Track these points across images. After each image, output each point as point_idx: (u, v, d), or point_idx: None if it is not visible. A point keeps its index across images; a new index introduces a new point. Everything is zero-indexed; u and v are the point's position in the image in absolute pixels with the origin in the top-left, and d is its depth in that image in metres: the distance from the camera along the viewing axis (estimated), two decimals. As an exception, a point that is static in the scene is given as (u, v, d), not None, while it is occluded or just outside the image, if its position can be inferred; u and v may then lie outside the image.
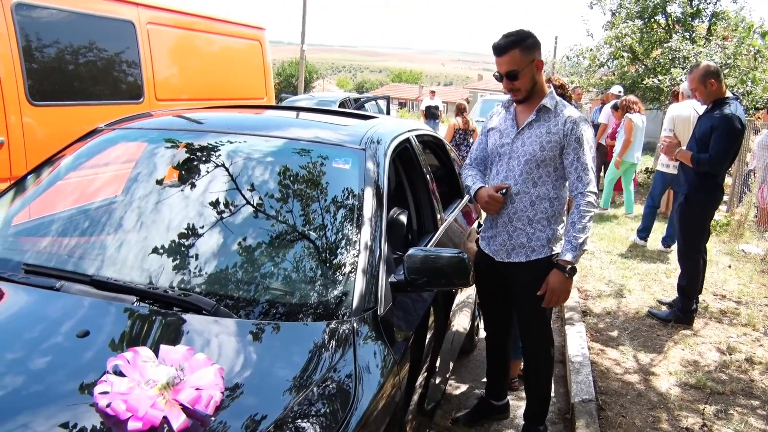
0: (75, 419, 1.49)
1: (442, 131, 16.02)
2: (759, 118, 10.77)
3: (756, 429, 3.37)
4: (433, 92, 17.86)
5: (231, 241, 2.25)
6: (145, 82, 5.71)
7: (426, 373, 2.52)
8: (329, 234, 2.29)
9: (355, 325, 1.96)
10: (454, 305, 3.16)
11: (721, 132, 4.35)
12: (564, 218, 3.14)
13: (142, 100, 5.69)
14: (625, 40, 12.73)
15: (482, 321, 3.57)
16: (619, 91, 10.47)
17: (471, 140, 9.67)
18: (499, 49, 2.91)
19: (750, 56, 11.51)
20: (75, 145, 2.88)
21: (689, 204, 4.63)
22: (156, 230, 2.34)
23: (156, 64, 5.86)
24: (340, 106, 13.85)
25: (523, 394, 3.83)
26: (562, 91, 3.68)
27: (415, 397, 2.33)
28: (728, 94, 4.55)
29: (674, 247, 6.99)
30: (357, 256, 2.16)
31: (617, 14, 13.59)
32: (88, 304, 1.96)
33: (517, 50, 2.87)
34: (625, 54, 13.22)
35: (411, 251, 2.27)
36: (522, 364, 3.94)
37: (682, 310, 4.80)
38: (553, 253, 3.04)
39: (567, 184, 3.02)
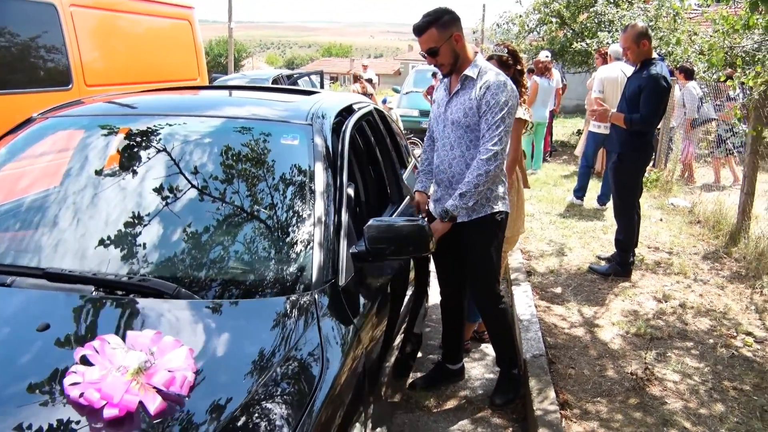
0: (47, 413, 1.48)
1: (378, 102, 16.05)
2: (674, 79, 11.22)
3: (692, 368, 3.61)
4: (365, 66, 17.81)
5: (186, 224, 2.24)
6: (73, 68, 5.51)
7: (393, 340, 2.60)
8: (283, 210, 2.31)
9: (316, 296, 2.00)
10: (415, 272, 3.25)
11: (648, 92, 4.55)
12: (504, 177, 3.26)
13: (70, 86, 5.49)
14: (552, 5, 12.97)
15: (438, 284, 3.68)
16: (546, 56, 10.70)
17: None
18: (418, 30, 3.07)
19: (670, 18, 11.92)
20: (8, 136, 2.79)
21: (622, 162, 4.83)
22: (106, 218, 2.31)
23: (83, 49, 5.66)
24: (273, 83, 13.66)
25: (476, 356, 3.99)
26: (509, 53, 3.75)
27: (385, 364, 2.40)
28: (654, 54, 4.75)
29: (609, 204, 7.29)
30: (313, 229, 2.20)
31: (544, -20, 13.79)
32: (44, 298, 1.93)
33: (434, 29, 3.01)
34: (554, 19, 13.46)
35: (370, 222, 2.31)
36: (475, 326, 4.09)
37: (621, 264, 5.03)
38: (494, 211, 3.16)
39: None
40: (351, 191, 3.38)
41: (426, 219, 3.40)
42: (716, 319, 4.29)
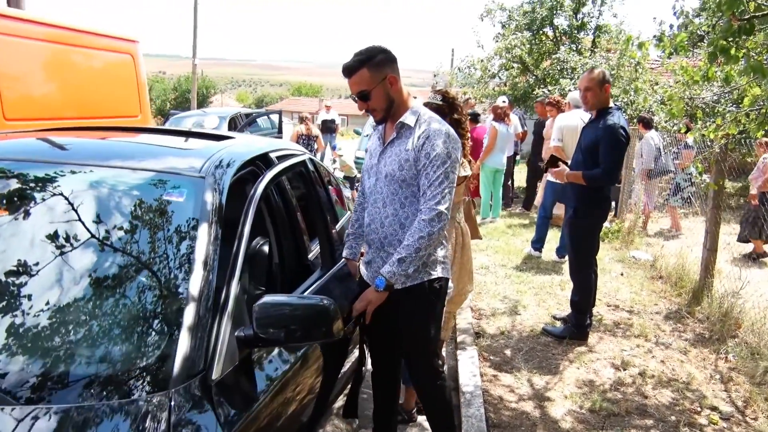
0: None
1: (342, 144, 15.74)
2: (634, 129, 11.16)
3: (652, 454, 3.22)
4: (328, 107, 17.57)
5: (18, 303, 1.79)
6: (-10, 100, 5.05)
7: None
8: (147, 284, 1.87)
9: (172, 397, 1.57)
10: (336, 349, 2.81)
11: (606, 144, 4.25)
12: (445, 240, 2.88)
13: (-14, 120, 5.03)
14: (515, 51, 12.92)
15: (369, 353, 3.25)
16: (504, 102, 10.54)
17: (314, 145, 11.21)
18: (348, 70, 2.69)
19: (632, 67, 11.92)
20: None
21: (578, 217, 4.51)
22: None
23: (3, 80, 5.22)
24: (230, 122, 13.27)
25: (414, 430, 3.56)
26: (445, 101, 3.42)
27: None
28: (611, 104, 4.48)
29: (567, 257, 6.99)
30: (183, 309, 1.77)
31: (507, 26, 13.79)
32: None
33: (365, 69, 2.65)
34: (516, 65, 13.42)
35: (262, 299, 1.89)
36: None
37: (576, 326, 4.67)
38: (432, 277, 2.77)
39: None
40: (266, 248, 2.98)
41: (358, 283, 3.04)
42: (679, 390, 3.92)
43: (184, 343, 1.69)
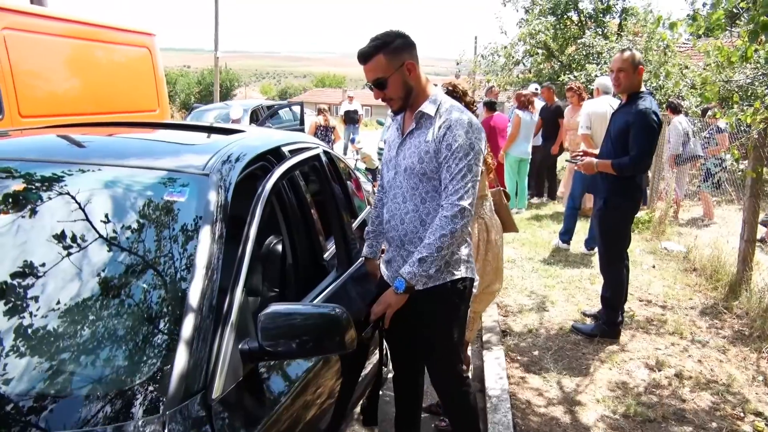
0: None
1: (365, 135, 15.57)
2: (664, 114, 10.81)
3: (692, 463, 3.02)
4: (351, 97, 17.37)
5: (12, 312, 1.66)
6: (5, 97, 4.98)
7: None
8: (142, 294, 1.72)
9: (167, 422, 1.42)
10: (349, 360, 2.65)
11: (638, 129, 4.02)
12: (469, 237, 2.70)
13: (1, 117, 4.96)
14: (539, 36, 12.61)
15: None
16: (536, 89, 10.27)
17: (332, 136, 11.07)
18: (363, 57, 2.51)
19: (660, 51, 11.56)
20: None
21: (608, 209, 4.28)
22: None
23: (18, 76, 5.13)
24: (252, 114, 13.18)
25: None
26: (453, 94, 3.24)
27: None
28: (643, 88, 4.24)
29: (597, 249, 6.75)
30: (181, 320, 1.62)
31: (530, 11, 13.47)
32: None
33: (382, 55, 2.47)
34: (540, 51, 13.10)
35: (268, 308, 1.74)
36: None
37: (607, 323, 4.45)
38: (455, 278, 2.60)
39: None
40: (279, 248, 2.83)
41: (378, 284, 2.87)
42: (719, 393, 3.70)
43: (181, 358, 1.54)
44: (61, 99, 5.65)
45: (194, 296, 1.67)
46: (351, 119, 16.47)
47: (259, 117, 12.99)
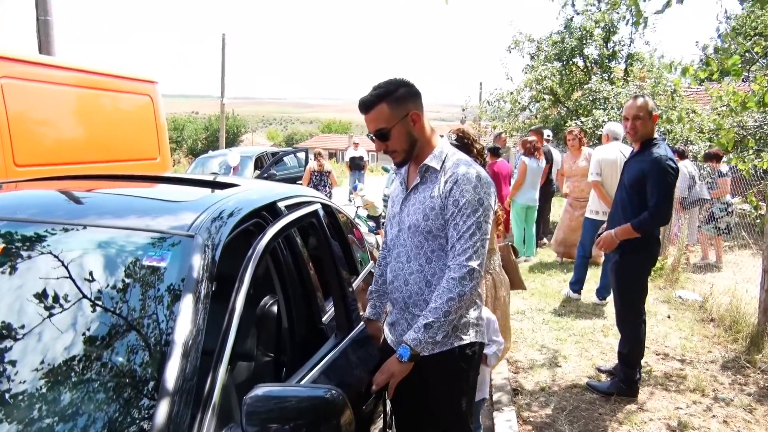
0: None
1: (370, 182, 15.50)
2: (687, 157, 10.70)
3: None
4: (356, 143, 17.39)
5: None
6: (-1, 146, 4.88)
7: None
8: (109, 376, 1.54)
9: None
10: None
11: (656, 178, 3.85)
12: (478, 299, 2.51)
13: (-6, 166, 4.84)
14: (545, 82, 12.57)
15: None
16: (548, 136, 10.16)
17: (326, 180, 10.98)
18: (365, 106, 2.37)
19: (668, 96, 11.49)
20: None
21: (624, 261, 4.08)
22: None
23: (15, 125, 5.04)
24: (256, 161, 13.13)
25: None
26: (463, 140, 3.10)
27: None
28: (655, 135, 4.10)
29: (610, 298, 6.50)
30: (152, 407, 1.43)
31: (536, 57, 13.49)
32: None
33: (385, 104, 2.32)
34: (546, 96, 13.07)
35: (256, 390, 1.55)
36: None
37: (625, 381, 4.21)
38: (463, 343, 2.40)
39: None
40: (275, 309, 2.66)
41: (381, 348, 2.67)
42: (747, 460, 3.45)
43: (151, 455, 1.35)
44: (59, 148, 5.55)
45: (170, 378, 1.48)
46: (356, 165, 16.44)
47: (263, 164, 12.94)
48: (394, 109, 2.34)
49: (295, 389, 1.65)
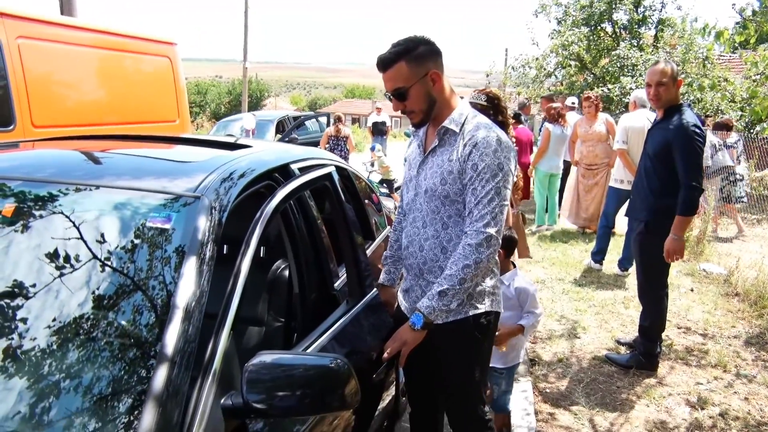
0: None
1: (393, 147, 15.36)
2: (708, 125, 10.40)
3: None
4: (379, 108, 17.17)
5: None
6: (16, 107, 4.84)
7: None
8: (110, 341, 1.49)
9: None
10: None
11: (683, 147, 3.68)
12: (495, 267, 2.44)
13: (12, 127, 4.81)
14: (572, 48, 12.27)
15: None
16: (573, 103, 9.93)
17: (343, 145, 10.71)
18: (383, 63, 2.26)
19: (698, 63, 11.16)
20: None
21: (650, 232, 3.95)
22: None
23: (31, 86, 5.00)
24: (277, 125, 13.08)
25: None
26: (493, 101, 3.00)
27: None
28: (680, 101, 3.94)
29: (632, 270, 6.40)
30: (149, 371, 1.39)
31: (563, 22, 13.15)
32: None
33: (404, 63, 2.22)
34: (573, 63, 12.76)
35: (255, 358, 1.50)
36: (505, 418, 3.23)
37: (645, 354, 4.13)
38: (478, 311, 2.33)
39: None
40: (286, 273, 2.61)
41: (395, 315, 2.62)
42: (769, 438, 3.37)
43: (148, 419, 1.31)
44: (76, 109, 5.52)
45: (170, 341, 1.43)
46: (379, 131, 16.27)
47: (285, 128, 12.88)
48: (413, 67, 2.23)
49: (300, 357, 1.59)
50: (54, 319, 1.50)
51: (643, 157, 4.11)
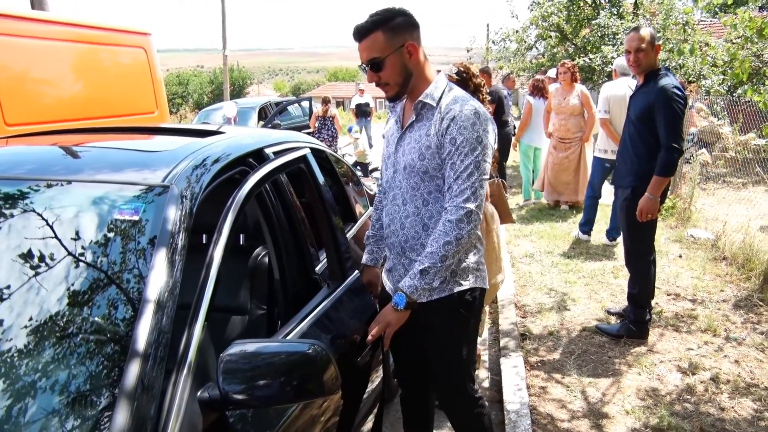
0: None
1: (376, 128, 15.25)
2: (691, 91, 10.37)
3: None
4: (362, 90, 17.04)
5: None
6: (-12, 105, 4.76)
7: None
8: (80, 336, 1.45)
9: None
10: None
11: (665, 109, 3.67)
12: (478, 243, 2.41)
13: (-15, 126, 4.74)
14: (551, 18, 12.20)
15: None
16: (554, 75, 9.88)
17: (330, 124, 11.05)
18: (359, 33, 2.21)
19: (679, 28, 11.11)
20: None
21: (637, 197, 3.90)
22: None
23: (2, 83, 4.90)
24: (260, 111, 12.96)
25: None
26: (462, 74, 2.96)
27: None
28: (659, 65, 3.92)
29: (620, 239, 6.40)
30: (121, 365, 1.35)
31: (542, -7, 13.06)
32: None
33: (380, 32, 2.16)
34: (553, 34, 12.69)
35: (231, 348, 1.47)
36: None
37: (635, 323, 4.13)
38: (462, 288, 2.30)
39: None
40: (266, 260, 2.58)
41: (380, 295, 2.59)
42: (761, 399, 3.36)
43: (122, 415, 1.27)
44: (51, 105, 5.42)
45: (141, 335, 1.39)
46: (362, 112, 16.15)
47: (267, 114, 12.78)
48: (389, 38, 2.18)
49: (276, 345, 1.55)
50: (23, 316, 1.46)
51: (627, 123, 4.09)
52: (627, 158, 4.03)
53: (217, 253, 1.67)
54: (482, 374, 3.91)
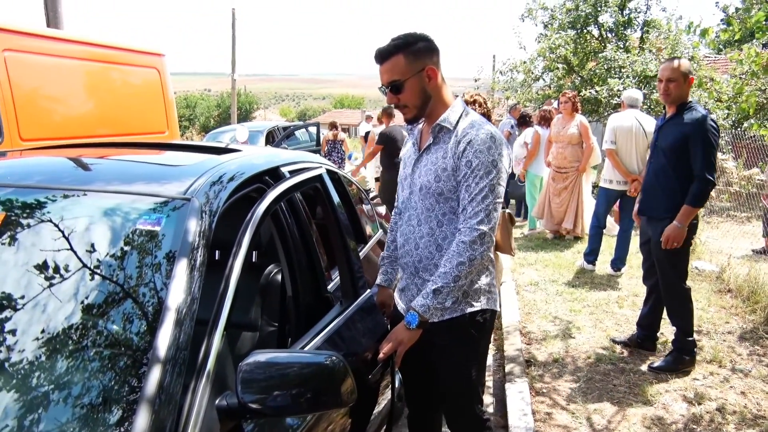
0: None
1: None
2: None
3: None
4: (369, 117, 17.17)
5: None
6: (4, 120, 4.82)
7: None
8: (101, 344, 1.48)
9: None
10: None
11: (701, 141, 3.72)
12: (491, 265, 2.43)
13: (0, 140, 4.80)
14: (558, 51, 12.34)
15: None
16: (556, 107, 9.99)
17: (339, 147, 11.59)
18: (381, 55, 2.27)
19: (685, 62, 11.25)
20: None
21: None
22: None
23: (18, 99, 4.98)
24: (267, 135, 13.05)
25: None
26: (479, 108, 3.01)
27: None
28: (689, 98, 3.97)
29: (624, 270, 6.42)
30: (142, 373, 1.38)
31: (549, 26, 13.23)
32: None
33: (401, 56, 2.23)
34: (560, 65, 12.83)
35: (249, 357, 1.49)
36: None
37: (687, 351, 4.11)
38: (474, 309, 2.33)
39: None
40: (279, 278, 2.60)
41: (392, 315, 2.61)
42: None
43: (142, 420, 1.29)
44: (64, 121, 5.50)
45: (162, 346, 1.41)
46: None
47: (274, 138, 12.86)
48: (410, 61, 2.24)
49: (295, 356, 1.57)
50: (45, 327, 1.48)
51: (655, 154, 4.08)
52: (653, 192, 4.03)
53: (237, 266, 1.70)
54: (487, 399, 3.90)
